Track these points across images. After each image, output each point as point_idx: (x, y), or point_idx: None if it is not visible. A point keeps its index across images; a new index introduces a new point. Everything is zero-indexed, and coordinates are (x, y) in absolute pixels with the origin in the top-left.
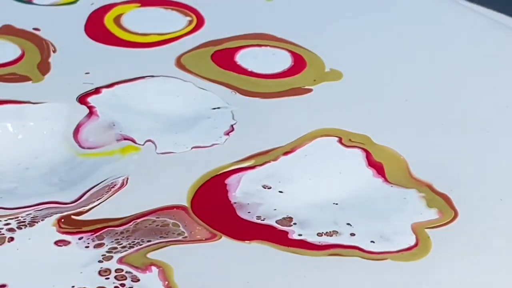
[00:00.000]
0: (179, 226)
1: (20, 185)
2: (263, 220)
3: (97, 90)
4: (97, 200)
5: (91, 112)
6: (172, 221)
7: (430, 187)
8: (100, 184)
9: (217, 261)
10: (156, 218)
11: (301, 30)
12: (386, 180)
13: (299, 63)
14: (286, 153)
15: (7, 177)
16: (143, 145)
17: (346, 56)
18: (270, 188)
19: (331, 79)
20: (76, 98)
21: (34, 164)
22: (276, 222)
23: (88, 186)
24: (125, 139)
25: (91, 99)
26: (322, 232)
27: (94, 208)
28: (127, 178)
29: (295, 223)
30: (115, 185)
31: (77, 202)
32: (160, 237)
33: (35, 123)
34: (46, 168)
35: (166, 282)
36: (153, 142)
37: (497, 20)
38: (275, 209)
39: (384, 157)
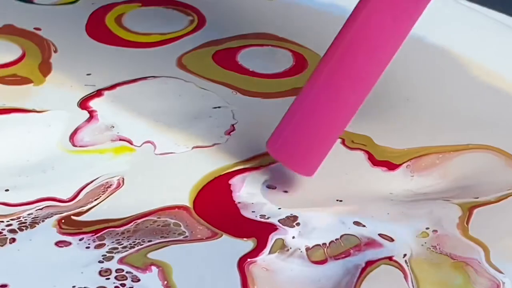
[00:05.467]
0: (180, 226)
1: (19, 181)
2: (267, 218)
3: (98, 93)
4: (95, 200)
5: (92, 116)
6: (173, 221)
7: None
8: (93, 183)
9: (216, 259)
10: (157, 218)
11: (302, 29)
12: None
13: (300, 62)
14: None
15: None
16: (140, 146)
17: None
18: (275, 188)
19: None
20: (78, 103)
21: (30, 162)
22: (279, 221)
23: (81, 183)
24: (121, 139)
25: (92, 103)
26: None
27: (93, 209)
28: (123, 178)
29: (298, 223)
30: (111, 185)
31: (74, 201)
32: (161, 237)
33: (38, 130)
34: (38, 164)
35: (165, 282)
36: (152, 143)
37: (497, 20)
38: (279, 208)
39: (385, 157)
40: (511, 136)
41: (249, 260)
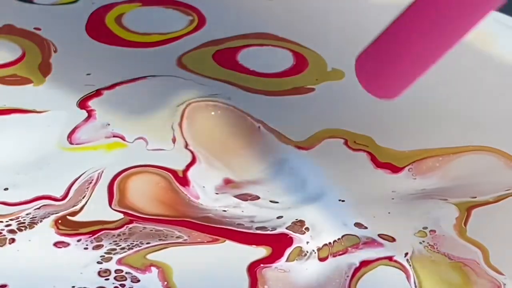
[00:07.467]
0: (174, 231)
1: (18, 179)
2: (273, 230)
3: (98, 92)
4: (82, 197)
5: (90, 115)
6: (163, 228)
7: None
8: (79, 179)
9: (220, 262)
10: (146, 225)
11: (302, 29)
12: None
13: (301, 62)
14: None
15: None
16: (132, 142)
17: (348, 55)
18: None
19: (333, 79)
20: (77, 103)
21: (29, 160)
22: (287, 228)
23: (71, 180)
24: (114, 136)
25: (92, 103)
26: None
27: (85, 208)
28: (102, 171)
29: (307, 228)
30: (92, 179)
31: (66, 199)
32: (159, 239)
33: (38, 130)
34: (35, 162)
35: (166, 283)
36: (144, 139)
37: (497, 20)
38: (279, 217)
39: (388, 159)
40: (510, 137)
41: (262, 265)
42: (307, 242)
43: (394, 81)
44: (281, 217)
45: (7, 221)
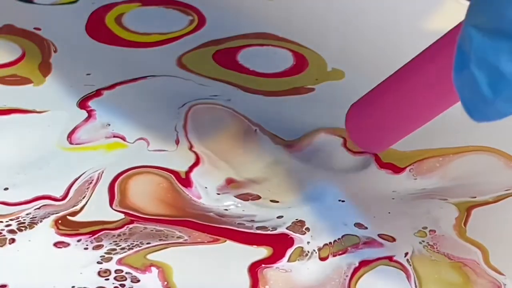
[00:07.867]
0: (175, 231)
1: (18, 179)
2: (273, 230)
3: (98, 92)
4: (82, 197)
5: (90, 115)
6: (164, 228)
7: None
8: (79, 179)
9: (221, 262)
10: (146, 225)
11: (302, 29)
12: None
13: (300, 62)
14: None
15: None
16: (133, 143)
17: (348, 55)
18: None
19: (333, 79)
20: (77, 103)
21: (28, 160)
22: (287, 229)
23: (71, 180)
24: (114, 136)
25: (91, 103)
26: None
27: (85, 208)
28: (103, 171)
29: (308, 228)
30: (92, 180)
31: (66, 200)
32: (160, 239)
33: (38, 130)
34: (35, 161)
35: (166, 283)
36: (145, 140)
37: None
38: (279, 217)
39: (390, 160)
40: (510, 137)
41: (263, 265)
42: (308, 242)
43: (380, 137)
44: (282, 216)
45: (7, 221)
